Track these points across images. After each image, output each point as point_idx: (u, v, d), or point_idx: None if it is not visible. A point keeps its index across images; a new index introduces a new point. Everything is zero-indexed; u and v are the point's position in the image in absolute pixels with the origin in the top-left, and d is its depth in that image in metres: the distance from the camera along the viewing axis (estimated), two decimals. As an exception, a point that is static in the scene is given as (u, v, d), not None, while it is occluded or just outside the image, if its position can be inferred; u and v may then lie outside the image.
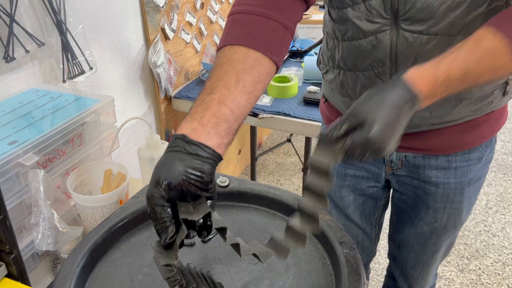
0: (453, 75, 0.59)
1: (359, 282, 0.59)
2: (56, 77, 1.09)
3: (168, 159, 0.55)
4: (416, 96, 0.58)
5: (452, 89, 0.61)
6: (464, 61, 0.59)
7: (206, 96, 0.60)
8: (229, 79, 0.61)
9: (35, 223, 0.73)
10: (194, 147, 0.55)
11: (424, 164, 0.89)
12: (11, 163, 0.73)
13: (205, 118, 0.57)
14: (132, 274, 0.66)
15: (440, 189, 0.90)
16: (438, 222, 0.95)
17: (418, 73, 0.59)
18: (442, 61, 0.60)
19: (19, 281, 0.63)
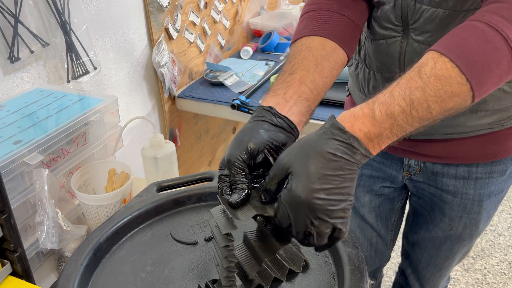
0: (396, 107, 0.50)
1: (362, 281, 0.59)
2: (61, 77, 1.10)
3: (254, 127, 0.57)
4: (354, 138, 0.49)
5: (402, 126, 0.51)
6: (406, 90, 0.51)
7: (287, 76, 0.64)
8: (309, 63, 0.65)
9: (40, 221, 0.74)
10: (280, 120, 0.58)
11: (443, 172, 0.86)
12: (16, 163, 0.74)
13: (288, 95, 0.61)
14: (136, 273, 0.67)
15: (457, 198, 0.88)
16: (454, 231, 0.93)
17: (351, 112, 0.51)
18: (379, 95, 0.52)
19: (24, 279, 0.63)
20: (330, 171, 0.48)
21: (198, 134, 1.86)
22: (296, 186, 0.48)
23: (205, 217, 0.78)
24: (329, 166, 0.48)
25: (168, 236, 0.74)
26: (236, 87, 1.59)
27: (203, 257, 0.69)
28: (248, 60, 1.89)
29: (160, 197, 0.79)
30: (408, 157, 0.89)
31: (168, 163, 0.97)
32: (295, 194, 0.48)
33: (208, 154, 1.98)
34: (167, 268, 0.67)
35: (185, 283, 0.64)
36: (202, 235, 0.74)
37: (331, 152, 0.48)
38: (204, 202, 0.81)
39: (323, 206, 0.48)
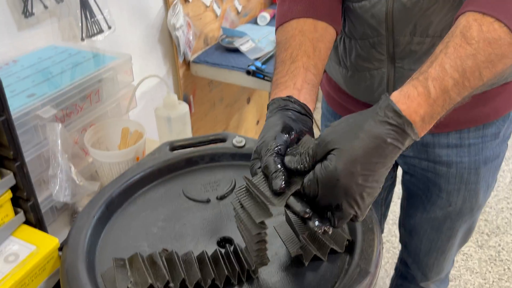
0: (450, 81, 0.47)
1: (374, 242, 0.57)
2: (75, 36, 1.09)
3: (285, 115, 0.55)
4: (409, 123, 0.45)
5: (453, 99, 0.48)
6: (457, 59, 0.47)
7: (290, 65, 0.62)
8: (307, 48, 0.63)
9: (53, 175, 0.74)
10: (303, 109, 0.57)
11: (433, 142, 0.81)
12: (29, 115, 0.74)
13: (298, 84, 0.60)
14: (147, 227, 0.67)
15: (452, 169, 0.82)
16: (453, 206, 0.87)
17: (404, 92, 0.47)
18: (429, 70, 0.48)
19: (37, 228, 0.64)
20: (376, 157, 0.44)
21: (212, 102, 1.84)
22: (336, 167, 0.44)
23: (217, 176, 0.78)
24: (376, 152, 0.44)
25: (180, 194, 0.74)
26: (252, 53, 1.56)
27: (214, 215, 0.69)
28: (265, 26, 1.85)
29: (173, 155, 0.78)
30: None
31: (182, 124, 0.96)
32: (333, 174, 0.44)
33: (221, 123, 1.97)
34: (178, 224, 0.67)
35: (196, 239, 0.64)
36: (214, 193, 0.73)
37: (382, 137, 0.44)
38: (217, 162, 0.80)
39: (359, 192, 0.45)
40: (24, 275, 0.56)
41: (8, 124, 0.54)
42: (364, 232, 0.59)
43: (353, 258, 0.56)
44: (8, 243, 0.60)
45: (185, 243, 0.63)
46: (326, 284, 0.55)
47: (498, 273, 1.69)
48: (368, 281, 0.53)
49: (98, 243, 0.64)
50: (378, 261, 0.55)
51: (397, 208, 1.97)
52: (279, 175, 0.48)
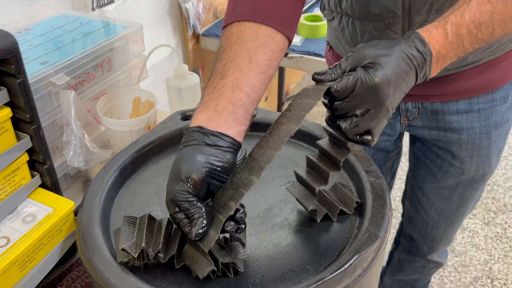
0: (465, 30, 0.52)
1: (384, 208, 0.58)
2: (86, 5, 1.08)
3: (187, 154, 0.51)
4: (431, 54, 0.51)
5: (465, 47, 0.53)
6: (476, 12, 0.52)
7: (218, 81, 0.56)
8: (241, 60, 0.56)
9: (67, 141, 0.75)
10: (213, 138, 0.51)
11: (443, 110, 0.81)
12: (43, 82, 0.74)
13: (220, 106, 0.53)
14: (160, 193, 0.68)
15: (464, 135, 0.83)
16: (466, 174, 0.88)
17: (427, 30, 0.52)
18: (450, 16, 0.53)
19: (53, 191, 0.65)
20: (404, 74, 0.49)
21: (221, 76, 1.83)
22: (377, 71, 0.48)
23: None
24: (406, 68, 0.49)
25: (191, 161, 0.74)
26: (262, 27, 1.54)
27: (225, 182, 0.70)
28: None
29: (185, 124, 0.79)
30: (404, 100, 0.83)
31: (192, 95, 0.97)
32: (373, 75, 0.48)
33: (230, 98, 1.97)
34: (190, 190, 0.68)
35: (208, 204, 0.65)
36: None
37: (411, 58, 0.50)
38: (227, 131, 0.81)
39: (388, 102, 0.49)
40: (41, 235, 0.58)
41: (24, 87, 0.54)
42: (374, 198, 0.60)
43: (363, 223, 0.57)
44: (25, 205, 0.62)
45: (197, 208, 0.64)
46: (336, 247, 0.56)
47: (504, 250, 1.71)
48: (377, 245, 0.53)
49: (112, 206, 0.65)
50: (388, 226, 0.56)
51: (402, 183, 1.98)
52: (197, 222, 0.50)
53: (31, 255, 0.57)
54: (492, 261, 1.67)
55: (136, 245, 0.53)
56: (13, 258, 0.55)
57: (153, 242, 0.53)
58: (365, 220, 0.57)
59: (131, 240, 0.53)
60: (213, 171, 0.51)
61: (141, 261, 0.54)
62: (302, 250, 0.57)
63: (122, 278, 0.51)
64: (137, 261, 0.54)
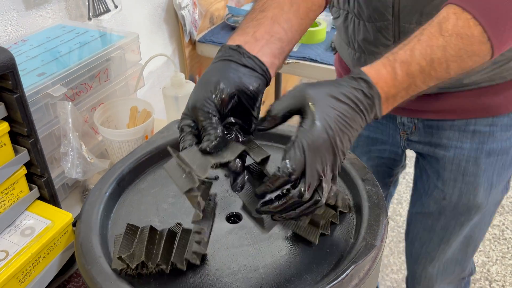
0: (416, 67, 0.48)
1: (381, 216, 0.59)
2: (82, 15, 1.09)
3: (221, 67, 0.50)
4: (378, 96, 0.47)
5: (418, 86, 0.49)
6: (427, 48, 0.48)
7: (258, 13, 0.56)
8: (283, 0, 0.57)
9: (65, 152, 0.76)
10: (249, 60, 0.51)
11: (437, 125, 0.77)
12: (40, 94, 0.75)
13: (259, 33, 0.53)
14: (158, 203, 0.68)
15: (449, 153, 0.77)
16: (447, 200, 0.80)
17: (375, 69, 0.48)
18: (399, 52, 0.49)
19: (51, 203, 0.65)
20: (348, 120, 0.45)
21: (218, 81, 1.84)
22: (318, 124, 0.44)
23: (225, 154, 0.79)
24: (349, 114, 0.45)
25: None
26: (258, 33, 1.55)
27: (223, 192, 0.70)
28: (271, 5, 1.83)
29: (181, 133, 0.79)
30: (400, 114, 0.80)
31: (189, 103, 0.97)
32: (319, 131, 0.44)
33: (228, 103, 1.98)
34: (188, 201, 0.68)
35: (206, 214, 0.66)
36: (222, 171, 0.74)
37: (356, 103, 0.46)
38: (224, 140, 0.81)
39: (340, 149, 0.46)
40: (40, 248, 0.58)
41: (22, 101, 0.55)
42: (370, 206, 0.61)
43: (359, 232, 0.57)
44: (23, 218, 0.62)
45: (195, 219, 0.65)
46: (333, 257, 0.57)
47: (502, 251, 1.71)
48: (374, 255, 0.54)
49: (110, 218, 0.66)
50: (384, 235, 0.57)
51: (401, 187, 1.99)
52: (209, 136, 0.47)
53: (30, 268, 0.58)
54: (490, 263, 1.67)
55: (134, 256, 0.53)
56: (12, 272, 0.55)
57: (153, 254, 0.54)
58: (361, 229, 0.58)
59: (129, 250, 0.54)
60: (242, 91, 0.49)
61: (135, 270, 0.54)
62: (300, 259, 0.57)
63: (121, 290, 0.51)
64: (130, 270, 0.54)
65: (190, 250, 0.53)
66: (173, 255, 0.54)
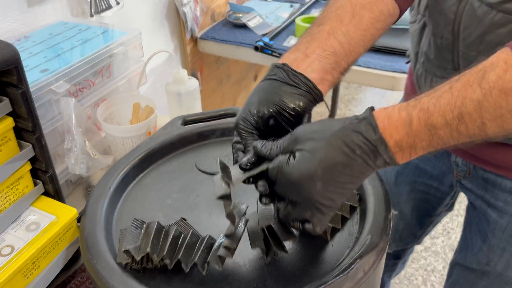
0: (439, 119, 0.40)
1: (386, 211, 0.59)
2: (84, 12, 1.09)
3: (264, 87, 0.51)
4: (383, 142, 0.41)
5: (444, 140, 0.41)
6: (458, 99, 0.40)
7: (315, 28, 0.55)
8: (344, 13, 0.54)
9: (68, 148, 0.76)
10: (294, 78, 0.50)
11: (495, 181, 0.67)
12: (44, 90, 0.75)
13: (310, 49, 0.52)
14: (162, 199, 0.69)
15: (503, 220, 0.68)
16: (491, 266, 0.73)
17: (387, 112, 0.42)
18: (423, 98, 0.42)
19: (55, 199, 0.66)
20: (340, 166, 0.41)
21: (219, 79, 1.84)
22: (297, 163, 0.42)
23: (229, 150, 0.78)
24: (342, 160, 0.41)
25: (192, 166, 0.75)
26: (260, 29, 1.55)
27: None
28: (272, 1, 1.83)
29: (185, 129, 0.79)
30: (455, 153, 0.73)
31: (192, 99, 0.97)
32: (292, 169, 0.43)
33: (229, 101, 1.98)
34: (192, 196, 0.69)
35: (210, 209, 0.66)
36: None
37: (351, 147, 0.41)
38: (228, 136, 0.81)
39: (316, 199, 0.43)
40: (45, 243, 0.59)
41: (26, 96, 0.55)
42: (375, 202, 0.61)
43: (364, 227, 0.57)
44: (28, 213, 0.62)
45: (199, 214, 0.65)
46: (338, 251, 0.57)
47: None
48: (379, 249, 0.54)
49: (115, 213, 0.66)
50: (389, 229, 0.57)
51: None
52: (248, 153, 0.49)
53: (35, 263, 0.58)
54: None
55: (140, 249, 0.53)
56: (18, 267, 0.55)
57: (158, 249, 0.54)
58: (366, 224, 0.58)
59: (135, 243, 0.54)
60: (282, 110, 0.49)
61: (140, 264, 0.54)
62: (304, 254, 0.57)
63: (127, 284, 0.51)
64: (135, 264, 0.54)
65: (215, 253, 0.53)
66: (182, 253, 0.54)
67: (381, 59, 1.34)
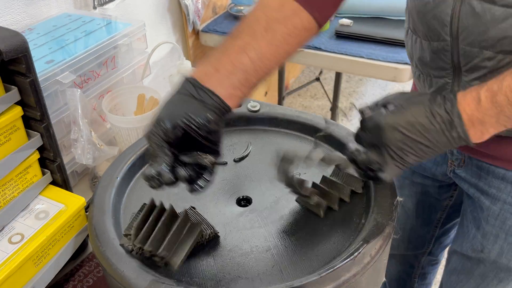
0: (503, 97, 0.47)
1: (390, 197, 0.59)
2: (87, 4, 1.09)
3: (172, 101, 0.52)
4: (458, 115, 0.48)
5: (509, 117, 0.48)
6: None
7: (229, 42, 0.55)
8: (258, 27, 0.55)
9: (75, 138, 0.76)
10: (202, 93, 0.51)
11: (488, 169, 0.69)
12: (50, 81, 0.75)
13: (221, 64, 0.53)
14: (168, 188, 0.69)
15: (496, 206, 0.69)
16: (485, 253, 0.74)
17: (463, 92, 0.50)
18: (490, 81, 0.49)
19: (63, 188, 0.66)
20: (421, 126, 0.49)
21: (221, 72, 1.84)
22: (387, 113, 0.50)
23: (233, 140, 0.79)
24: (423, 121, 0.49)
25: (198, 156, 0.76)
26: (262, 22, 1.55)
27: (232, 176, 0.71)
28: (273, -6, 1.82)
29: (190, 120, 0.80)
30: None
31: (196, 91, 0.97)
32: (382, 116, 0.50)
33: (231, 93, 1.97)
34: (198, 185, 0.69)
35: (216, 198, 0.66)
36: (231, 156, 0.75)
37: (433, 114, 0.49)
38: (232, 126, 0.82)
39: (389, 142, 0.50)
40: (55, 231, 0.59)
41: (35, 85, 0.55)
42: (380, 187, 0.61)
43: (370, 212, 0.58)
44: (37, 202, 0.63)
45: (205, 202, 0.66)
46: (344, 237, 0.58)
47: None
48: (385, 234, 0.55)
49: (122, 202, 0.66)
50: (394, 214, 0.57)
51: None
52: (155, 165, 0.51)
53: (45, 250, 0.59)
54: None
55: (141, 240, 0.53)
56: (28, 254, 0.56)
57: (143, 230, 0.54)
58: (371, 209, 0.58)
59: (130, 230, 0.54)
60: (189, 124, 0.50)
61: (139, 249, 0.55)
62: (311, 239, 0.58)
63: (136, 271, 0.52)
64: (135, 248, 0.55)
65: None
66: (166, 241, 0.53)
67: (382, 50, 1.34)
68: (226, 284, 0.53)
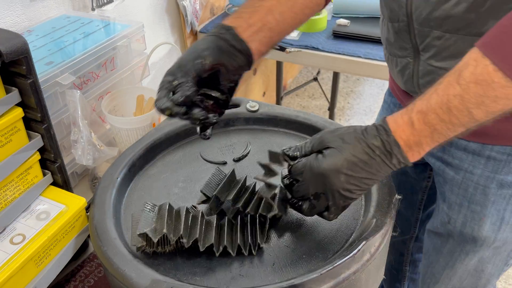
0: (433, 116, 0.48)
1: (389, 195, 0.60)
2: (85, 5, 1.09)
3: (212, 40, 0.56)
4: (395, 143, 0.49)
5: (443, 133, 0.49)
6: (444, 97, 0.48)
7: (256, 1, 0.61)
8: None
9: (75, 139, 0.77)
10: (238, 43, 0.56)
11: (451, 141, 0.68)
12: (49, 82, 0.76)
13: (252, 20, 0.59)
14: (168, 188, 0.70)
15: (459, 176, 0.72)
16: (452, 224, 0.76)
17: (394, 118, 0.51)
18: (417, 102, 0.50)
19: (63, 189, 0.67)
20: (362, 163, 0.50)
21: (219, 72, 1.84)
22: (325, 158, 0.51)
23: (233, 140, 0.80)
24: (364, 158, 0.50)
25: (198, 156, 0.76)
26: (260, 22, 1.55)
27: (232, 176, 0.71)
28: (271, -5, 1.83)
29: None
30: None
31: (195, 91, 0.98)
32: (321, 163, 0.51)
33: (229, 94, 1.98)
34: (198, 185, 0.70)
35: (216, 197, 0.67)
36: (230, 156, 0.76)
37: (372, 148, 0.50)
38: (231, 126, 0.83)
39: (337, 188, 0.51)
40: (56, 231, 0.60)
41: (35, 87, 0.56)
42: (378, 185, 0.62)
43: (369, 210, 0.59)
44: (38, 203, 0.63)
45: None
46: (343, 234, 0.58)
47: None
48: (384, 231, 0.55)
49: (123, 202, 0.67)
50: (393, 212, 0.58)
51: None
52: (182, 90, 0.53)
53: (46, 251, 0.59)
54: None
55: (156, 230, 0.54)
56: (30, 254, 0.56)
57: (173, 229, 0.55)
58: (370, 207, 0.59)
59: (151, 226, 0.55)
60: (224, 66, 0.55)
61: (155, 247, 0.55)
62: (311, 237, 0.58)
63: (138, 270, 0.52)
64: (149, 247, 0.55)
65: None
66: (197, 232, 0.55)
67: (379, 50, 1.34)
68: (226, 283, 0.53)
